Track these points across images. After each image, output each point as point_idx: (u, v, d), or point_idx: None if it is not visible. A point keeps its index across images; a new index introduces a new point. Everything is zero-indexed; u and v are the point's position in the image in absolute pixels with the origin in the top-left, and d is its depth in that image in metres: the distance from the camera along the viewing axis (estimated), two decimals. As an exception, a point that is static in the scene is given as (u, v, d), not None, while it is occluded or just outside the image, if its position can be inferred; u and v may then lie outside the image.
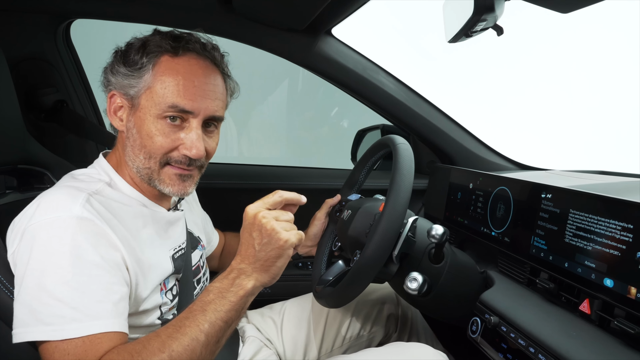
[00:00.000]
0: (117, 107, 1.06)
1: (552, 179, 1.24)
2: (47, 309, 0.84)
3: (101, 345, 0.84)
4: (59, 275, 0.85)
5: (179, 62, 1.02)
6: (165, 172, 1.04)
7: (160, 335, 0.85)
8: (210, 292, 0.91)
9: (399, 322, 1.48)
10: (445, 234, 1.07)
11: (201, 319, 0.87)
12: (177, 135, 1.02)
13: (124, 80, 1.02)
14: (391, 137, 1.21)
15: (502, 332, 0.99)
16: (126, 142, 1.05)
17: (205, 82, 1.03)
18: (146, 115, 1.01)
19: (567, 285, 0.99)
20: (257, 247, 0.93)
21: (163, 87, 1.00)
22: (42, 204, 0.93)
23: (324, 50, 1.60)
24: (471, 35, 0.93)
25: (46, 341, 0.83)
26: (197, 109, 1.01)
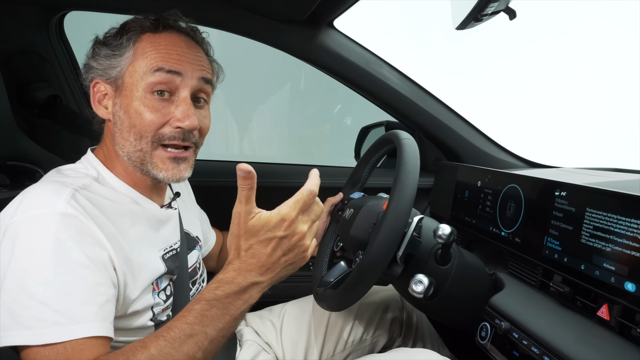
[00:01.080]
0: (102, 95, 1.02)
1: (565, 177, 1.17)
2: (27, 311, 0.79)
3: (84, 353, 0.78)
4: (41, 276, 0.80)
5: (160, 36, 1.00)
6: (158, 155, 0.99)
7: (148, 347, 0.77)
8: (213, 306, 0.79)
9: (404, 326, 1.42)
10: (453, 234, 1.02)
11: (201, 335, 0.78)
12: (167, 109, 0.97)
13: (105, 62, 0.99)
14: (395, 133, 1.16)
15: (513, 339, 0.93)
16: (114, 129, 1.01)
17: (188, 51, 1.00)
18: (132, 93, 0.97)
19: (583, 288, 0.93)
20: (277, 258, 0.82)
21: (145, 57, 0.97)
22: (24, 201, 0.88)
23: (325, 43, 1.54)
24: (481, 20, 0.87)
25: (27, 346, 0.78)
26: (183, 70, 0.97)
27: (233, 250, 0.83)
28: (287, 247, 0.82)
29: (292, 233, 0.82)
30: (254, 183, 0.79)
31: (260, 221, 0.81)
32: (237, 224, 0.82)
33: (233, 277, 0.81)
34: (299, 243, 0.83)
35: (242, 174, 0.78)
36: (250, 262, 0.81)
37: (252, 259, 0.81)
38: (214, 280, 0.82)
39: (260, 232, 0.81)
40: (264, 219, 0.81)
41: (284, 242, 0.82)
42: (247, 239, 0.81)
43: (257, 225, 0.81)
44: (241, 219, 0.81)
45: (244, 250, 0.82)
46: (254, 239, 0.81)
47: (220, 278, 0.82)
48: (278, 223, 0.81)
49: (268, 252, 0.81)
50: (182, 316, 0.79)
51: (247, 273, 0.81)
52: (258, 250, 0.81)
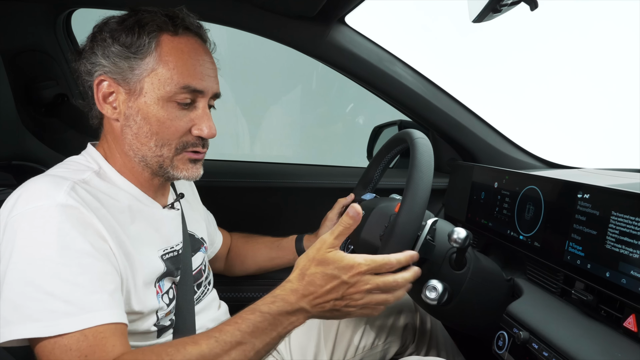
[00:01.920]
0: (107, 93, 0.97)
1: (587, 178, 1.12)
2: (35, 304, 0.77)
3: (108, 341, 0.78)
4: (47, 268, 0.79)
5: (180, 42, 0.97)
6: (179, 159, 1.00)
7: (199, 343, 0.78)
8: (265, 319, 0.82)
9: (417, 333, 1.37)
10: (469, 238, 0.98)
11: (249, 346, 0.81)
12: (188, 117, 0.98)
13: (121, 62, 0.94)
14: (408, 132, 1.12)
15: (532, 349, 0.88)
16: (125, 130, 0.97)
17: (206, 61, 1.00)
18: (152, 100, 0.95)
19: (608, 297, 0.88)
20: (330, 298, 0.85)
21: (170, 68, 0.95)
22: (23, 194, 0.86)
23: (336, 40, 1.50)
24: (500, 11, 0.82)
25: (41, 340, 0.77)
26: (206, 88, 0.99)
27: (298, 270, 0.86)
28: (342, 293, 0.84)
29: (354, 283, 0.84)
30: (355, 225, 0.87)
31: (335, 257, 0.85)
32: (317, 249, 0.86)
33: (288, 296, 0.84)
34: (354, 296, 0.85)
35: (352, 213, 0.86)
36: (308, 289, 0.84)
37: (311, 287, 0.84)
38: (271, 294, 0.85)
39: (330, 267, 0.84)
40: (339, 256, 0.85)
41: (342, 287, 0.84)
42: (317, 266, 0.85)
43: (332, 259, 0.84)
44: (322, 247, 0.86)
45: (308, 275, 0.85)
46: (320, 268, 0.84)
47: (277, 294, 0.84)
48: (348, 267, 0.84)
49: (326, 289, 0.84)
50: (235, 322, 0.81)
51: (301, 297, 0.84)
52: (318, 281, 0.84)
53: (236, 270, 1.51)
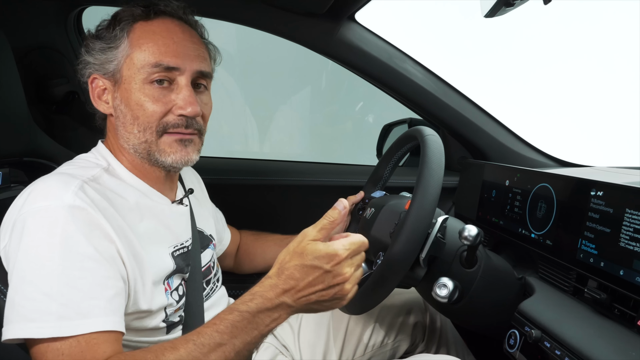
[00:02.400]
0: (100, 90, 1.01)
1: (600, 176, 1.11)
2: (31, 303, 0.77)
3: (99, 347, 0.77)
4: (48, 269, 0.79)
5: (153, 24, 0.98)
6: (163, 141, 0.98)
7: (178, 349, 0.76)
8: (244, 318, 0.78)
9: (427, 331, 1.37)
10: (480, 236, 0.97)
11: (229, 347, 0.77)
12: (168, 97, 0.97)
13: (101, 56, 0.98)
14: (419, 129, 1.12)
15: (545, 348, 0.87)
16: (116, 123, 1.00)
17: (184, 39, 0.99)
18: (131, 85, 0.96)
19: (622, 295, 0.87)
20: (314, 290, 0.81)
21: (142, 50, 0.96)
22: (32, 193, 0.87)
23: (346, 37, 1.50)
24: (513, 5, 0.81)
25: (36, 341, 0.77)
26: (181, 64, 0.97)
27: (278, 264, 0.82)
28: (327, 284, 0.81)
29: (337, 273, 0.81)
30: (339, 220, 0.84)
31: (314, 247, 0.81)
32: (298, 242, 0.82)
33: (266, 292, 0.80)
34: (339, 284, 0.82)
35: (340, 207, 0.85)
36: (288, 283, 0.80)
37: (291, 280, 0.80)
38: (249, 292, 0.81)
39: (307, 257, 0.80)
40: (317, 246, 0.81)
41: (327, 277, 0.80)
42: (294, 258, 0.81)
43: (309, 249, 0.80)
44: (304, 240, 0.82)
45: (286, 269, 0.81)
46: (299, 260, 0.80)
47: (255, 290, 0.81)
48: (327, 256, 0.80)
49: (308, 281, 0.80)
50: (214, 324, 0.78)
51: (281, 292, 0.80)
52: (297, 274, 0.80)
53: (245, 268, 1.51)
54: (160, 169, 1.02)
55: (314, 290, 0.80)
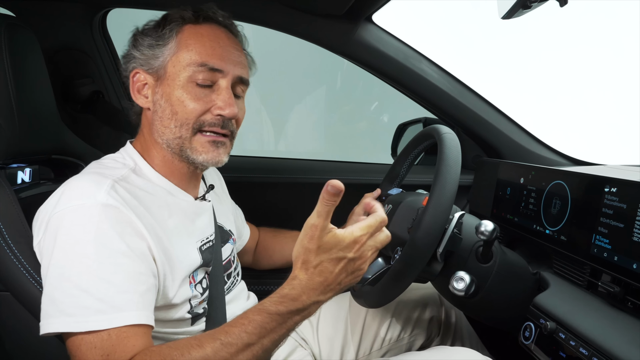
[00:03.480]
0: (141, 85, 1.05)
1: (614, 173, 1.12)
2: (70, 299, 0.81)
3: (129, 341, 0.80)
4: (84, 265, 0.82)
5: (202, 28, 1.03)
6: (197, 140, 1.02)
7: (204, 346, 0.77)
8: (273, 320, 0.80)
9: (442, 326, 1.39)
10: (496, 231, 0.99)
11: (257, 346, 0.79)
12: (208, 97, 1.01)
13: (148, 52, 1.02)
14: (436, 127, 1.15)
15: (559, 339, 0.90)
16: (153, 117, 1.03)
17: (229, 45, 1.04)
18: (175, 81, 1.00)
19: (635, 289, 0.89)
20: (342, 278, 0.82)
21: (189, 49, 1.00)
22: (66, 192, 0.90)
23: (363, 38, 1.53)
24: (530, 7, 0.84)
25: (72, 334, 0.80)
26: (225, 67, 1.01)
27: (300, 264, 0.81)
28: (352, 269, 0.83)
29: (360, 256, 0.83)
30: (339, 200, 0.78)
31: (335, 239, 0.80)
32: (311, 237, 0.79)
33: (298, 295, 0.80)
34: (360, 266, 0.84)
35: (332, 190, 0.77)
36: (317, 281, 0.81)
37: (319, 277, 0.81)
38: (278, 294, 0.81)
39: (333, 250, 0.80)
40: (339, 237, 0.80)
41: (351, 264, 0.82)
42: (319, 255, 0.80)
43: (332, 242, 0.80)
44: (316, 233, 0.79)
45: (313, 267, 0.80)
46: (325, 256, 0.80)
47: (285, 293, 0.81)
48: (351, 244, 0.81)
49: (336, 272, 0.81)
50: (242, 324, 0.79)
51: (311, 292, 0.81)
52: (326, 268, 0.81)
53: (264, 264, 1.54)
54: (188, 165, 1.06)
55: (341, 279, 0.82)
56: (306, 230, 0.80)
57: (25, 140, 1.12)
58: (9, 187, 0.98)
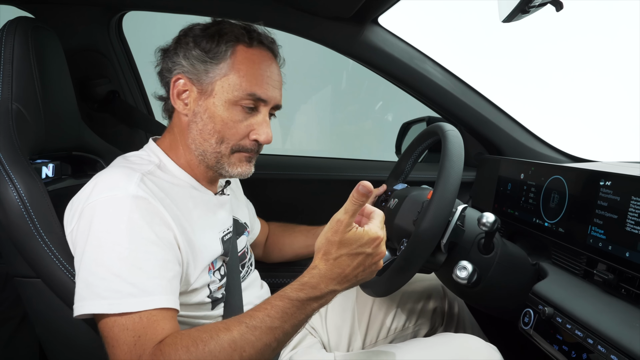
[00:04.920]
0: (181, 90, 1.07)
1: (609, 168, 1.18)
2: (104, 283, 0.86)
3: (158, 324, 0.84)
4: (116, 252, 0.88)
5: (254, 53, 1.06)
6: (235, 157, 1.09)
7: (231, 330, 0.83)
8: (294, 305, 0.85)
9: (446, 316, 1.45)
10: (497, 222, 1.05)
11: (279, 329, 0.84)
12: (248, 121, 1.06)
13: (198, 65, 1.05)
14: (440, 125, 1.20)
15: (557, 324, 0.95)
16: (191, 125, 1.07)
17: (274, 73, 1.09)
18: (220, 102, 1.04)
19: (628, 276, 0.95)
20: (358, 272, 0.89)
21: (240, 75, 1.04)
22: (98, 184, 0.96)
23: (370, 40, 1.59)
24: (528, 12, 0.90)
25: (105, 316, 0.85)
26: (269, 98, 1.07)
27: (321, 255, 0.88)
28: (368, 264, 0.89)
29: (376, 252, 0.89)
30: (367, 201, 0.85)
31: (356, 235, 0.87)
32: (335, 231, 0.86)
33: (317, 283, 0.86)
34: (377, 261, 0.90)
35: (363, 190, 0.84)
36: (336, 272, 0.87)
37: (338, 269, 0.87)
38: (299, 282, 0.87)
39: (353, 246, 0.86)
40: (359, 234, 0.87)
41: (368, 259, 0.88)
42: (339, 249, 0.86)
43: (352, 238, 0.86)
44: (340, 228, 0.86)
45: (333, 259, 0.87)
46: (345, 250, 0.86)
47: (305, 281, 0.87)
48: (370, 241, 0.88)
49: (353, 265, 0.87)
50: (265, 308, 0.85)
51: (329, 281, 0.87)
52: (345, 261, 0.87)
53: (274, 257, 1.60)
54: (214, 173, 1.12)
55: (357, 272, 0.88)
56: (332, 224, 0.87)
57: (49, 137, 1.18)
58: (40, 181, 1.04)
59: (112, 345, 0.84)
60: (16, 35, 1.07)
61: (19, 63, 1.06)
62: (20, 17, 1.14)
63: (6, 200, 0.96)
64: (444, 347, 1.10)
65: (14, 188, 0.97)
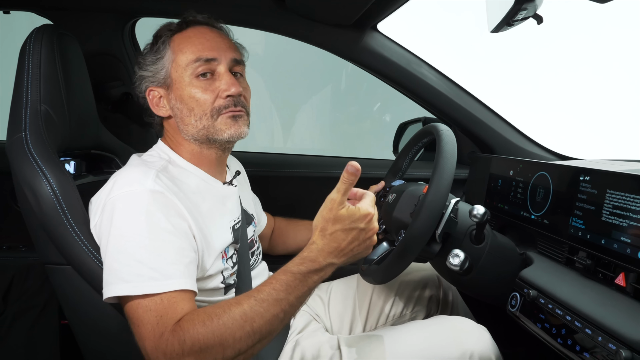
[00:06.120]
0: (157, 99, 1.21)
1: (590, 165, 1.28)
2: (127, 269, 0.95)
3: (178, 305, 0.93)
4: (137, 241, 0.97)
5: (188, 32, 1.19)
6: (219, 121, 1.16)
7: (242, 304, 0.91)
8: (296, 278, 0.94)
9: (440, 303, 1.54)
10: (486, 214, 1.13)
11: (284, 301, 0.93)
12: (213, 86, 1.16)
13: (152, 67, 1.19)
14: (435, 125, 1.28)
15: (540, 305, 1.05)
16: (176, 121, 1.19)
17: (215, 37, 1.19)
18: (181, 84, 1.16)
19: (604, 261, 1.05)
20: (353, 246, 0.98)
21: (183, 52, 1.16)
22: (118, 181, 1.06)
23: (369, 45, 1.69)
24: (512, 25, 1.00)
25: (130, 298, 0.94)
26: (217, 55, 1.16)
27: (318, 231, 0.98)
28: (362, 238, 0.99)
29: (369, 227, 0.99)
30: (356, 180, 0.96)
31: (349, 212, 0.97)
32: (330, 209, 0.97)
33: (316, 257, 0.97)
34: (371, 236, 1.00)
35: (351, 170, 0.95)
36: (332, 246, 0.97)
37: (334, 243, 0.97)
38: (299, 257, 0.98)
39: (346, 222, 0.97)
40: (351, 211, 0.97)
41: (362, 234, 0.98)
42: (334, 224, 0.97)
43: (345, 215, 0.97)
44: (334, 206, 0.97)
45: (329, 234, 0.97)
46: (339, 225, 0.97)
47: (304, 256, 0.97)
48: (362, 217, 0.98)
49: (348, 240, 0.97)
50: (270, 283, 0.94)
51: (327, 255, 0.97)
52: (340, 236, 0.97)
53: (279, 249, 1.69)
54: (215, 150, 1.21)
55: (353, 246, 0.98)
56: (326, 203, 0.98)
57: (72, 137, 1.27)
58: (70, 176, 1.13)
59: (137, 325, 0.92)
60: (43, 41, 1.16)
61: (46, 67, 1.15)
62: (46, 24, 1.23)
63: (40, 194, 1.06)
64: (438, 328, 1.20)
65: (47, 182, 1.06)
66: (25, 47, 1.15)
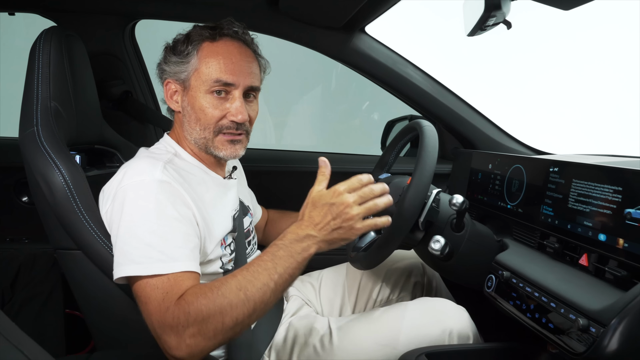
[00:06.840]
0: (172, 92, 1.28)
1: (561, 158, 1.39)
2: (137, 251, 1.03)
3: (183, 282, 1.02)
4: (146, 227, 1.05)
5: (217, 45, 1.24)
6: (218, 140, 1.25)
7: (236, 276, 1.00)
8: (280, 249, 1.03)
9: (424, 289, 1.63)
10: (465, 203, 1.22)
11: (272, 270, 1.01)
12: (223, 105, 1.23)
13: (175, 67, 1.25)
14: (418, 121, 1.36)
15: (512, 284, 1.16)
16: (183, 119, 1.27)
17: (240, 59, 1.24)
18: (197, 93, 1.22)
19: (571, 244, 1.15)
20: (328, 220, 1.05)
21: (207, 67, 1.21)
22: (128, 171, 1.14)
23: (358, 46, 1.79)
24: (485, 30, 1.10)
25: (139, 278, 1.02)
26: (236, 81, 1.22)
27: (300, 215, 1.09)
28: (335, 213, 1.05)
29: (339, 202, 1.06)
30: (328, 172, 1.11)
31: (319, 194, 1.08)
32: (308, 196, 1.09)
33: (295, 229, 1.07)
34: (345, 210, 1.05)
35: (322, 164, 1.11)
36: (308, 222, 1.07)
37: (309, 220, 1.07)
38: (282, 233, 1.08)
39: (318, 203, 1.07)
40: (323, 192, 1.08)
41: (333, 208, 1.05)
42: (311, 207, 1.08)
43: (317, 197, 1.08)
44: (311, 194, 1.09)
45: (307, 217, 1.07)
46: (312, 206, 1.08)
47: (285, 231, 1.08)
48: (329, 194, 1.07)
49: (321, 214, 1.06)
50: (260, 257, 1.03)
51: (304, 227, 1.06)
52: (314, 213, 1.07)
53: (272, 240, 1.75)
54: (212, 156, 1.29)
55: (327, 220, 1.05)
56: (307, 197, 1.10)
57: (79, 132, 1.35)
58: (80, 167, 1.21)
59: (145, 302, 1.01)
60: (52, 42, 1.24)
61: (55, 66, 1.23)
62: (54, 26, 1.31)
63: (53, 183, 1.14)
64: (421, 308, 1.29)
65: (59, 173, 1.14)
66: (36, 47, 1.23)
